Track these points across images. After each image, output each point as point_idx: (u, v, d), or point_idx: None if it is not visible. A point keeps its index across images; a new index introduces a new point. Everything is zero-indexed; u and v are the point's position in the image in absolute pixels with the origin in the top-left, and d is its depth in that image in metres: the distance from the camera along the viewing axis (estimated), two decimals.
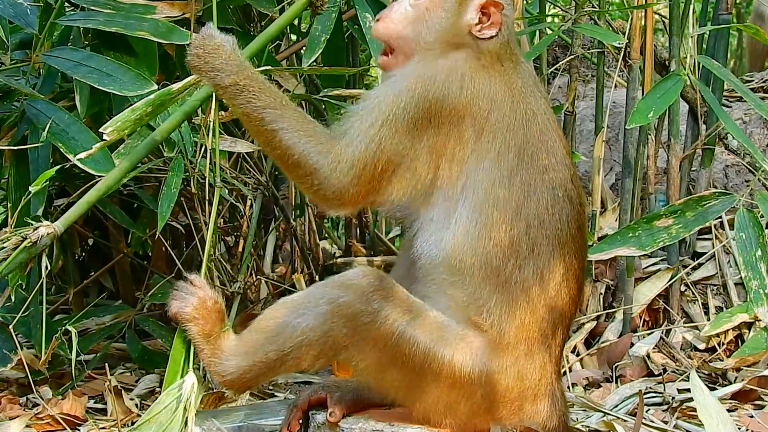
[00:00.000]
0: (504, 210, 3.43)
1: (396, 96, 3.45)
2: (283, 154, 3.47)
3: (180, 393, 3.50)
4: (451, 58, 3.54)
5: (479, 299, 3.46)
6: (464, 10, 3.60)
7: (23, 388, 4.94)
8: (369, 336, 3.39)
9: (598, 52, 6.15)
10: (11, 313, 4.50)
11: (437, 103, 3.43)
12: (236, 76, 3.49)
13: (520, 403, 3.52)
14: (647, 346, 5.39)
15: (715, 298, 5.73)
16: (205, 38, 3.57)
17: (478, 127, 3.46)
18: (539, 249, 3.46)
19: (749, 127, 6.79)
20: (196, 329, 3.61)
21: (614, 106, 6.77)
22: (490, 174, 3.44)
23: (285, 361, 3.50)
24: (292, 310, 3.50)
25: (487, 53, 3.57)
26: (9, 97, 4.85)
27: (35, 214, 4.47)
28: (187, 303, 3.63)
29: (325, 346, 3.44)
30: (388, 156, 3.43)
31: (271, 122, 3.46)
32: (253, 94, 3.48)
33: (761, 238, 4.00)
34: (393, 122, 3.42)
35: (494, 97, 3.49)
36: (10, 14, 4.70)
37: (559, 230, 3.50)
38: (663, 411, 4.49)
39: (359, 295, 3.38)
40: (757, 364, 5.08)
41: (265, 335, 3.52)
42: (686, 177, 5.85)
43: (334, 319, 3.40)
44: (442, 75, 3.47)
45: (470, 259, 3.44)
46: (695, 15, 5.74)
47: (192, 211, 5.76)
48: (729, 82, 4.75)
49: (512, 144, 3.47)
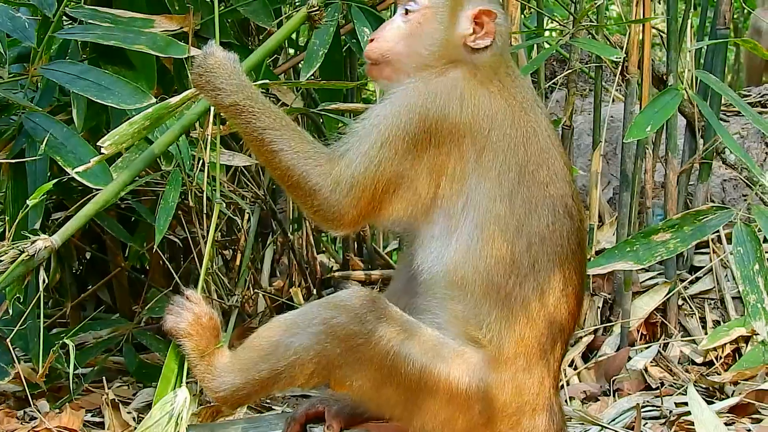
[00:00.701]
0: (505, 227, 3.42)
1: (395, 116, 3.43)
2: (284, 174, 3.47)
3: (172, 407, 3.50)
4: (450, 76, 3.52)
5: (479, 315, 3.44)
6: (457, 21, 3.59)
7: (21, 401, 4.94)
8: (363, 356, 3.38)
9: (596, 67, 6.16)
10: (9, 327, 4.50)
11: (437, 122, 3.42)
12: (236, 96, 3.48)
13: (518, 418, 3.50)
14: (645, 359, 5.39)
15: (713, 312, 5.74)
16: (207, 56, 3.55)
17: (479, 145, 3.44)
18: (540, 266, 3.45)
19: (747, 142, 6.80)
20: (190, 345, 3.60)
21: (612, 121, 6.78)
22: (492, 192, 3.43)
23: (279, 379, 3.49)
24: (285, 329, 3.49)
25: (484, 67, 3.56)
26: (7, 110, 4.86)
27: (33, 227, 4.47)
28: (183, 318, 3.62)
29: (318, 366, 3.43)
30: (389, 177, 3.42)
31: (271, 143, 3.45)
32: (253, 115, 3.46)
33: (759, 253, 3.99)
34: (393, 143, 3.41)
35: (494, 115, 3.48)
36: (8, 28, 4.70)
37: (559, 247, 3.49)
38: (660, 425, 4.49)
39: (353, 316, 3.37)
40: (754, 378, 5.08)
41: (258, 353, 3.51)
42: (684, 191, 5.86)
43: (327, 340, 3.38)
44: (441, 94, 3.45)
45: (471, 275, 3.43)
46: (693, 30, 5.76)
47: (190, 224, 5.78)
48: (726, 96, 4.76)
49: (513, 162, 3.46)
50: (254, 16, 5.13)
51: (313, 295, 6.54)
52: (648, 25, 5.61)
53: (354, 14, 5.00)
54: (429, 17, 3.62)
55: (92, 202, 3.97)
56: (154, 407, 3.53)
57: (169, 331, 3.64)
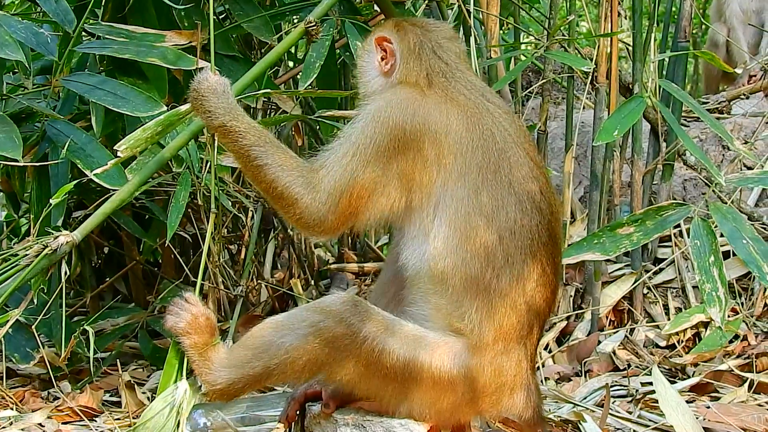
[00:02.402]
0: (476, 224, 3.41)
1: (362, 129, 3.47)
2: (269, 186, 3.48)
3: (173, 398, 3.51)
4: (395, 92, 3.60)
5: (461, 306, 3.44)
6: (372, 57, 3.77)
7: (45, 383, 4.95)
8: (350, 354, 3.38)
9: (568, 77, 6.17)
10: (34, 315, 4.50)
11: (397, 129, 3.44)
12: (224, 118, 3.51)
13: (498, 397, 3.50)
14: (613, 343, 5.40)
15: (675, 300, 5.75)
16: (201, 81, 3.59)
17: (439, 149, 3.45)
18: (513, 258, 3.44)
19: (705, 145, 6.82)
20: (188, 342, 3.60)
21: (583, 126, 6.79)
22: (458, 192, 3.43)
23: (271, 375, 3.49)
24: (276, 330, 3.49)
25: (420, 80, 3.63)
26: (31, 118, 4.86)
27: (55, 224, 4.48)
28: (181, 318, 3.63)
29: (308, 363, 3.43)
30: (362, 183, 3.43)
31: (256, 158, 3.47)
32: (239, 134, 3.49)
33: (714, 245, 3.99)
34: (363, 152, 3.43)
35: (447, 119, 3.50)
36: (32, 43, 4.70)
37: (530, 240, 3.48)
38: (628, 402, 4.50)
39: (338, 320, 3.37)
40: (713, 360, 5.10)
41: (252, 351, 3.51)
42: (648, 190, 5.87)
43: (315, 341, 3.39)
44: (393, 105, 3.50)
45: (450, 270, 3.42)
46: (656, 43, 5.76)
47: (198, 221, 5.78)
48: (687, 103, 4.77)
49: (473, 163, 3.45)
50: (256, 31, 5.14)
51: (311, 285, 6.56)
52: (615, 38, 5.62)
53: (348, 29, 5.00)
54: (364, 60, 3.83)
55: (109, 201, 3.97)
56: (155, 399, 3.54)
57: (169, 330, 3.66)
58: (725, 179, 4.36)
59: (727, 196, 5.65)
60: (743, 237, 4.01)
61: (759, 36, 9.29)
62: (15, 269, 3.80)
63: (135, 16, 4.94)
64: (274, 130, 5.69)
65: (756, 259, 3.94)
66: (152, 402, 3.55)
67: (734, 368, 4.83)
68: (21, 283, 3.80)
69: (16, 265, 3.81)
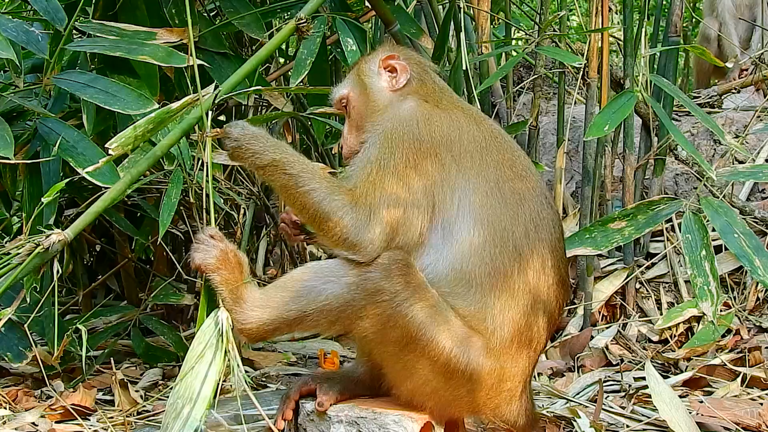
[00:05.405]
0: (499, 221, 3.45)
1: (380, 150, 3.49)
2: (315, 211, 3.43)
3: (217, 326, 3.41)
4: (407, 105, 3.65)
5: (485, 307, 3.44)
6: (375, 81, 3.81)
7: (37, 381, 4.94)
8: (384, 313, 3.34)
9: (560, 72, 6.18)
10: (26, 314, 4.49)
11: (413, 140, 3.48)
12: (273, 155, 3.48)
13: (497, 402, 3.53)
14: (606, 338, 5.42)
15: (667, 295, 5.76)
16: (236, 130, 3.56)
17: (455, 151, 3.51)
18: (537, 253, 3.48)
19: (697, 139, 6.83)
20: (219, 278, 3.55)
21: (574, 121, 6.81)
22: (479, 189, 3.47)
23: (303, 321, 3.48)
24: (320, 275, 3.48)
25: (426, 93, 3.74)
26: (23, 116, 4.84)
27: (47, 222, 4.46)
28: (210, 254, 3.57)
29: (342, 314, 3.42)
30: (395, 198, 3.43)
31: (302, 186, 3.44)
32: (288, 164, 3.47)
33: (706, 240, 4.00)
34: (392, 168, 3.45)
35: (459, 124, 3.58)
36: (23, 41, 4.69)
37: (550, 234, 3.54)
38: (621, 398, 4.51)
39: (386, 274, 3.35)
40: (705, 354, 5.12)
41: (290, 294, 3.49)
42: (640, 185, 5.89)
43: (357, 291, 3.37)
44: (408, 118, 3.56)
45: (477, 268, 3.43)
46: (647, 37, 5.77)
47: (190, 219, 5.77)
48: (678, 98, 4.77)
49: (489, 160, 3.52)
50: (247, 28, 5.13)
51: None
52: (606, 34, 5.63)
53: (338, 26, 5.00)
54: (355, 98, 3.84)
55: (101, 199, 3.96)
56: (196, 335, 3.44)
57: (197, 267, 3.59)
58: (716, 173, 4.36)
59: (719, 190, 5.67)
60: (735, 231, 4.02)
61: (750, 30, 9.32)
62: (7, 268, 3.78)
63: (126, 13, 4.92)
64: (265, 127, 5.69)
65: (748, 254, 3.95)
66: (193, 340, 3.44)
67: (727, 362, 4.85)
68: (13, 282, 3.78)
69: (8, 263, 3.79)
